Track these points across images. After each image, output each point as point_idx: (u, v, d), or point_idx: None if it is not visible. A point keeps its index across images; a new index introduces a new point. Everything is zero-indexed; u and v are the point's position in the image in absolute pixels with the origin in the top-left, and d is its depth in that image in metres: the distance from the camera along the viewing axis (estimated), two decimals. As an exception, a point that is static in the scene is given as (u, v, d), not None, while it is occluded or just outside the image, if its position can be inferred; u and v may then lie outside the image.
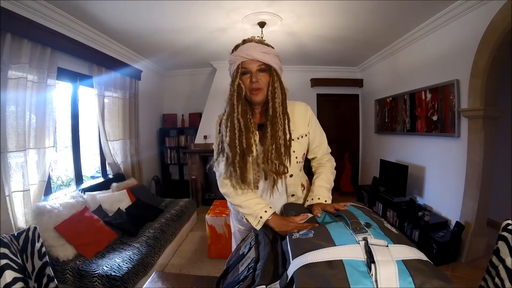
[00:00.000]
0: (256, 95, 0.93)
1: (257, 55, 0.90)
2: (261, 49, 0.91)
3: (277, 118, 0.92)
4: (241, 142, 0.92)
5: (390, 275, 0.47)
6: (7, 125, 1.83)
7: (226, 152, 0.94)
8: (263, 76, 0.92)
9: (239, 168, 0.94)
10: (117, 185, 2.98)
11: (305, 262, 0.53)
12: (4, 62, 1.78)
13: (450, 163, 2.63)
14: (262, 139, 0.96)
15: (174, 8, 2.38)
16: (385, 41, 3.33)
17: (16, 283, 1.10)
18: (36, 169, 2.07)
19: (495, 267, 1.03)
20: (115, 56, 3.23)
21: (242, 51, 0.91)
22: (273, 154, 0.92)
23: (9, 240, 1.19)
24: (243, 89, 0.93)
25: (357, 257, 0.51)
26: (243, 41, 0.96)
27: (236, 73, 0.92)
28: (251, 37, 0.97)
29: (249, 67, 0.91)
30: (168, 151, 4.72)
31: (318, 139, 1.08)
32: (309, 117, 1.04)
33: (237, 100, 0.92)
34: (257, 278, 0.64)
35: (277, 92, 0.93)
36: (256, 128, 1.00)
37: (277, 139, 0.92)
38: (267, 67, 0.92)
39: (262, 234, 0.87)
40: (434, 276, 0.48)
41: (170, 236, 2.58)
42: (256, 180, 1.00)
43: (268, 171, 0.94)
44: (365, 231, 0.58)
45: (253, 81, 0.91)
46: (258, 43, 0.93)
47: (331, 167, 1.12)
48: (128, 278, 1.78)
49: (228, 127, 0.93)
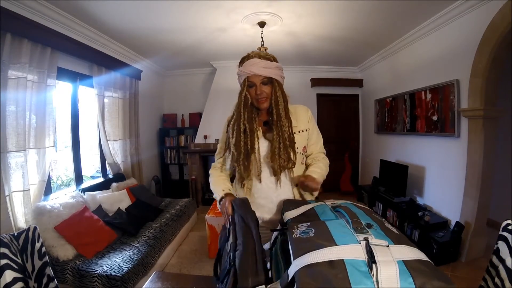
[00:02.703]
0: (262, 103, 1.09)
1: (260, 71, 1.03)
2: (263, 65, 1.04)
3: (282, 121, 1.07)
4: (246, 143, 1.08)
5: (391, 275, 0.47)
6: (7, 125, 1.83)
7: (232, 151, 1.10)
8: (266, 88, 1.07)
9: (243, 165, 1.09)
10: (117, 185, 2.98)
11: (307, 262, 0.53)
12: (4, 62, 1.78)
13: (450, 163, 2.63)
14: (268, 137, 1.12)
15: (174, 8, 2.38)
16: (385, 41, 3.33)
17: (16, 283, 1.10)
18: (36, 169, 2.07)
19: (495, 267, 1.03)
20: (115, 56, 3.23)
21: (246, 67, 1.05)
22: (281, 151, 1.06)
23: (9, 240, 1.19)
24: (249, 99, 1.09)
25: (358, 257, 0.51)
26: (247, 55, 1.09)
27: (244, 85, 1.07)
28: (254, 52, 1.09)
29: (253, 81, 1.06)
30: (168, 151, 4.72)
31: (315, 138, 1.21)
32: (309, 116, 1.20)
33: (244, 108, 1.08)
34: (239, 278, 0.67)
35: (280, 100, 1.08)
36: (261, 125, 1.15)
37: (284, 139, 1.07)
38: (269, 79, 1.06)
39: (237, 215, 0.87)
40: (434, 277, 0.48)
41: (170, 236, 2.58)
42: (258, 173, 1.12)
43: (276, 166, 1.08)
44: (366, 231, 0.58)
45: (257, 93, 1.06)
46: (262, 59, 1.05)
47: (325, 162, 1.21)
48: (128, 278, 1.78)
49: (235, 130, 1.09)
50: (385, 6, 2.36)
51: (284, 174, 1.13)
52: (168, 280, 0.98)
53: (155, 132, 4.65)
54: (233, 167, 1.15)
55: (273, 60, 1.09)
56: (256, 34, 2.81)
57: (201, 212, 3.69)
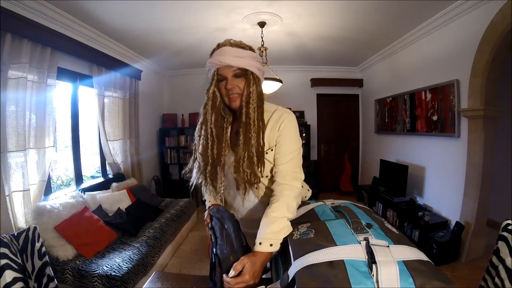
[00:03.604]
0: (234, 101, 0.88)
1: (230, 60, 0.84)
2: (235, 53, 0.85)
3: (250, 124, 0.86)
4: (212, 151, 0.89)
5: (391, 275, 0.47)
6: (7, 125, 1.83)
7: (198, 161, 0.94)
8: (239, 81, 0.87)
9: (209, 177, 0.92)
10: (117, 185, 2.98)
11: (307, 263, 0.53)
12: (4, 62, 1.78)
13: (450, 163, 2.63)
14: (234, 147, 0.91)
15: (174, 8, 2.38)
16: (385, 41, 3.33)
17: (16, 283, 1.10)
18: (36, 169, 2.06)
19: (495, 267, 1.03)
20: (115, 56, 3.22)
21: (215, 57, 0.86)
22: (245, 163, 0.86)
23: (9, 240, 1.19)
24: (218, 97, 0.90)
25: (358, 257, 0.51)
26: (217, 45, 0.90)
27: (212, 80, 0.89)
28: (225, 41, 0.90)
29: (223, 73, 0.86)
30: (168, 151, 4.71)
31: (285, 149, 0.90)
32: (281, 125, 0.90)
33: (212, 108, 0.89)
34: (222, 262, 0.75)
35: (252, 97, 0.87)
36: (233, 135, 0.95)
37: (250, 147, 0.86)
38: (243, 71, 0.86)
39: (215, 220, 0.91)
40: (434, 277, 0.48)
41: (170, 236, 2.58)
42: (225, 188, 0.99)
43: (239, 180, 0.88)
44: (366, 232, 0.58)
45: (228, 87, 0.86)
46: (233, 46, 0.87)
47: (292, 196, 0.85)
48: (128, 278, 1.78)
49: (202, 136, 0.91)
50: (385, 6, 2.36)
51: (252, 190, 0.93)
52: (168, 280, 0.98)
53: (155, 132, 4.64)
54: (199, 180, 0.96)
55: (248, 49, 0.89)
56: (256, 34, 2.81)
57: (201, 212, 3.68)
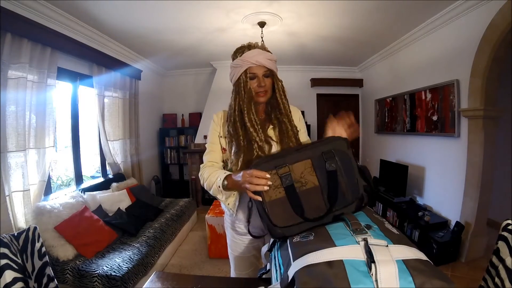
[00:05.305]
0: (262, 96, 1.04)
1: (265, 62, 0.99)
2: (267, 57, 1.00)
3: (287, 112, 1.07)
4: (257, 132, 1.01)
5: (390, 274, 0.47)
6: (7, 125, 1.83)
7: (242, 147, 1.00)
8: (267, 80, 1.03)
9: (260, 151, 1.00)
10: (117, 185, 2.98)
11: (306, 263, 0.53)
12: (4, 62, 1.78)
13: (450, 163, 2.63)
14: (276, 132, 1.07)
15: (174, 8, 2.38)
16: (385, 41, 3.33)
17: (16, 283, 1.10)
18: (36, 169, 2.07)
19: (495, 267, 1.03)
20: (115, 56, 3.23)
21: (250, 57, 0.98)
22: (291, 141, 1.03)
23: (9, 240, 1.19)
24: (252, 92, 1.03)
25: (357, 257, 0.51)
26: (248, 45, 1.04)
27: (245, 77, 1.01)
28: (254, 43, 1.06)
29: (256, 72, 1.01)
30: (168, 151, 4.71)
31: (304, 138, 1.16)
32: (300, 116, 1.19)
33: (248, 101, 1.02)
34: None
35: (283, 92, 1.07)
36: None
37: (293, 130, 1.05)
38: (270, 72, 1.03)
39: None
40: (434, 276, 0.48)
41: (170, 236, 2.58)
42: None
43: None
44: (365, 232, 0.58)
45: (261, 85, 1.01)
46: (264, 51, 1.03)
47: None
48: (128, 278, 1.78)
49: (248, 123, 1.00)
50: (385, 6, 2.36)
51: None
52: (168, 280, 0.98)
53: (155, 132, 4.64)
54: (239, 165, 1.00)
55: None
56: (256, 34, 2.81)
57: (201, 212, 3.69)
